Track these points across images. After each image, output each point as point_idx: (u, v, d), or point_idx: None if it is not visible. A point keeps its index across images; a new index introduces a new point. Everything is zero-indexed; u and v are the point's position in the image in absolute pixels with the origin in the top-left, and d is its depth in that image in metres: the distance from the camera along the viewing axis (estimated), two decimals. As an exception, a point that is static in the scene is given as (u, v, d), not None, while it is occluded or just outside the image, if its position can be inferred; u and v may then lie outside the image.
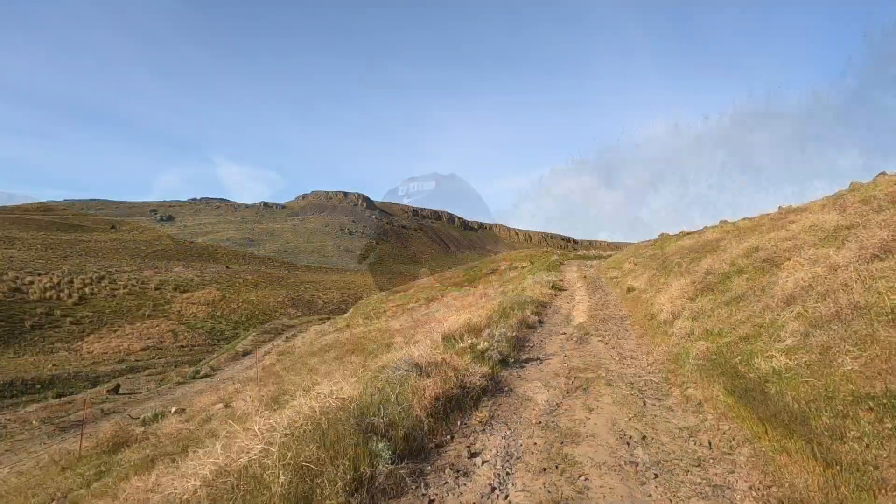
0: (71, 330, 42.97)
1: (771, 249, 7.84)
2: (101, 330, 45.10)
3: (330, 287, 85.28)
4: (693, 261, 12.30)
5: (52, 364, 34.14)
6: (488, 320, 9.72)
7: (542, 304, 13.39)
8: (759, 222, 13.83)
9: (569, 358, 7.63)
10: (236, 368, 26.46)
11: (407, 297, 29.84)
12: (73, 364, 35.08)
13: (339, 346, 13.67)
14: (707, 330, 6.39)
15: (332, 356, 12.07)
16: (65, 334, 42.00)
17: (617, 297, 14.85)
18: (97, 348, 41.13)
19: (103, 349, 41.15)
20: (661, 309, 8.75)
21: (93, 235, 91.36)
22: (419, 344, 7.43)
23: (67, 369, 33.01)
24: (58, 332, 41.84)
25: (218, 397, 12.48)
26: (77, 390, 29.54)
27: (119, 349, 41.63)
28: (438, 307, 18.99)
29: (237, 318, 55.61)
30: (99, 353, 39.82)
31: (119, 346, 42.38)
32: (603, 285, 18.76)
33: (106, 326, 46.05)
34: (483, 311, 11.11)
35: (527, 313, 10.97)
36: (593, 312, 11.74)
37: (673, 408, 5.08)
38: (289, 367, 13.92)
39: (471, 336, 7.87)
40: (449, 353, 6.86)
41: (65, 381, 30.90)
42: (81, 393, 28.01)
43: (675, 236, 25.05)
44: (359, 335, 15.01)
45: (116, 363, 37.17)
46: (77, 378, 31.47)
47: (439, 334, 8.04)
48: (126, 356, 40.10)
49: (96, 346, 41.56)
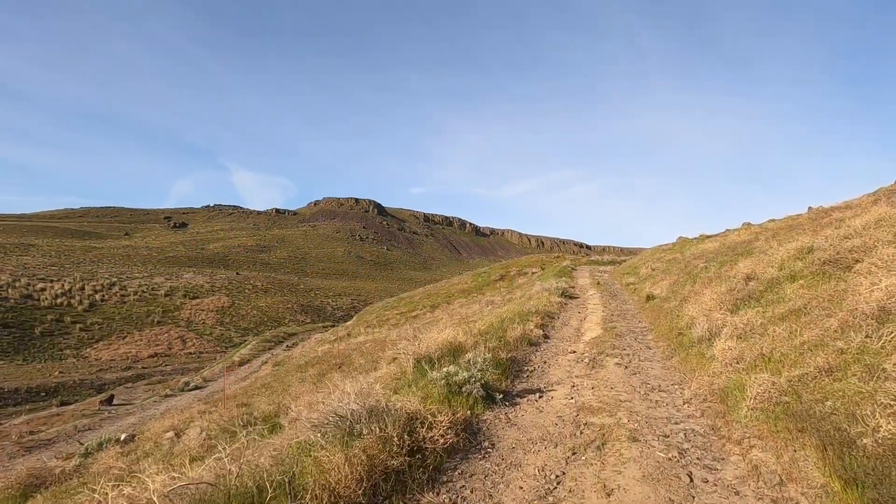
0: (80, 336, 42.99)
1: (830, 250, 6.62)
2: (110, 336, 45.08)
3: (340, 293, 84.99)
4: (723, 264, 11.03)
5: (59, 371, 33.96)
6: (479, 337, 8.01)
7: (550, 315, 12.12)
8: (795, 222, 12.61)
9: (578, 389, 6.00)
10: (230, 379, 25.48)
11: (412, 305, 28.99)
12: (80, 371, 34.87)
13: (328, 360, 12.69)
14: (763, 354, 4.81)
15: (315, 372, 11.14)
16: (74, 341, 42.00)
17: (635, 305, 13.62)
18: (105, 355, 41.05)
19: (111, 356, 41.04)
20: (693, 322, 7.28)
21: (106, 242, 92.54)
22: (378, 372, 6.20)
23: (73, 376, 32.79)
24: (67, 339, 41.87)
25: (172, 424, 11.01)
26: (82, 397, 29.23)
27: (127, 356, 41.49)
28: (442, 315, 18.15)
29: (246, 325, 55.38)
30: (107, 360, 39.70)
31: (127, 352, 42.26)
32: (618, 292, 17.41)
33: (115, 333, 46.04)
34: (478, 325, 9.84)
35: (529, 326, 9.72)
36: (608, 325, 10.45)
37: (738, 489, 3.28)
38: (268, 385, 13.00)
39: (453, 358, 6.22)
40: (411, 390, 5.27)
41: (70, 388, 30.63)
42: (86, 400, 27.69)
43: (695, 239, 23.87)
44: (353, 347, 14.14)
45: (123, 370, 36.90)
46: (82, 386, 31.18)
47: (411, 357, 6.33)
48: (133, 363, 39.91)
49: (104, 352, 41.49)
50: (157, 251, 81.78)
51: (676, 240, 27.89)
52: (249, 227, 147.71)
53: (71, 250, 73.08)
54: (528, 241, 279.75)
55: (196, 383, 25.97)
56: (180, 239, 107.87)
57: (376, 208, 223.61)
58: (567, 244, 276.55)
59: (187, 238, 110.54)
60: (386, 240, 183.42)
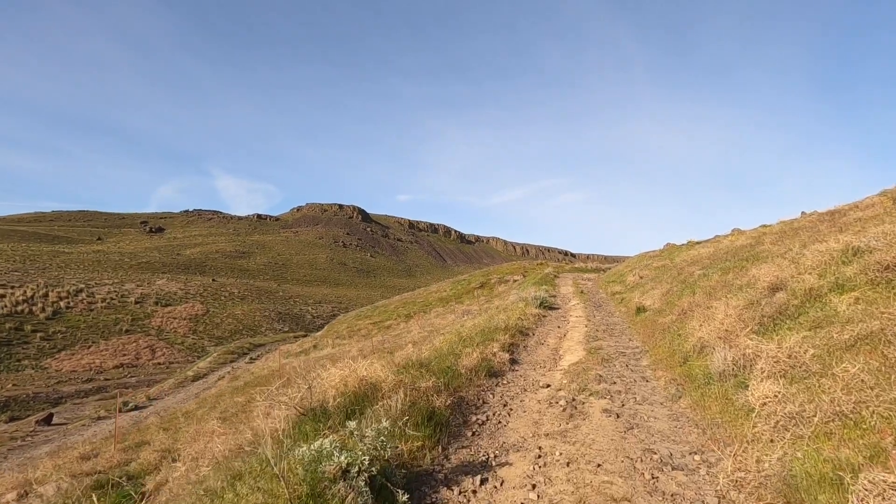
0: (41, 346, 40.70)
1: (890, 252, 5.21)
2: (73, 346, 42.84)
3: (320, 301, 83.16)
4: (727, 271, 9.65)
5: (12, 384, 31.89)
6: (410, 372, 5.74)
7: (523, 332, 10.42)
8: (797, 225, 11.70)
9: (545, 467, 3.98)
10: (178, 398, 23.08)
11: (386, 314, 27.84)
12: (36, 384, 32.81)
13: (273, 381, 11.48)
14: (841, 414, 3.10)
15: (244, 400, 10.01)
16: (34, 351, 39.73)
17: (623, 318, 12.31)
18: (67, 366, 38.86)
19: (73, 367, 38.88)
20: (704, 346, 5.78)
21: (77, 247, 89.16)
22: (245, 433, 4.56)
23: (28, 390, 30.78)
24: (26, 349, 39.57)
25: (26, 478, 8.47)
26: (34, 412, 27.32)
27: (90, 367, 39.38)
28: (415, 325, 17.15)
29: (220, 334, 53.43)
30: (67, 372, 37.57)
31: (91, 363, 40.13)
32: (603, 302, 16.17)
33: (79, 342, 43.81)
34: (423, 350, 7.98)
35: (493, 348, 7.80)
36: (592, 344, 8.94)
37: None
38: (190, 413, 11.74)
39: (360, 408, 4.41)
40: (262, 478, 3.13)
41: (22, 402, 28.68)
42: (38, 414, 25.84)
43: (684, 245, 23.29)
44: (308, 362, 13.04)
45: (84, 382, 34.92)
46: (36, 399, 29.25)
47: (292, 409, 4.42)
48: (96, 374, 37.85)
49: (66, 363, 39.29)
50: (129, 257, 79.00)
51: (664, 246, 27.38)
52: (229, 232, 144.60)
53: (37, 255, 70.03)
54: (513, 249, 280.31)
55: (137, 403, 23.48)
56: (156, 244, 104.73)
57: (360, 214, 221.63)
58: (552, 252, 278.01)
59: (163, 243, 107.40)
60: (370, 246, 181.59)
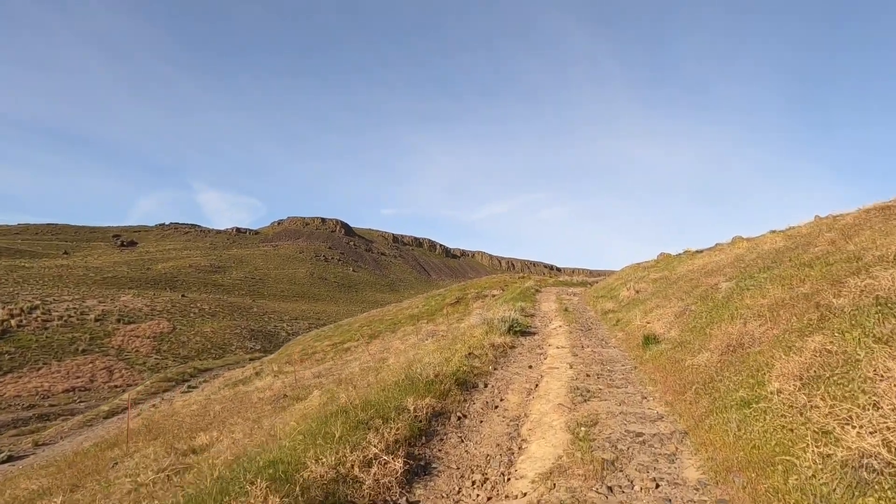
0: (-16, 369, 37.50)
1: None
2: (21, 368, 39.66)
3: (298, 317, 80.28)
4: (789, 282, 6.81)
5: (-59, 412, 28.84)
6: None
7: (468, 382, 7.11)
8: (848, 221, 9.62)
9: None
10: (75, 442, 18.98)
11: (349, 334, 25.76)
12: (-31, 411, 29.80)
13: (178, 424, 9.44)
14: None
15: (119, 453, 8.13)
16: (-25, 374, 36.54)
17: (624, 351, 8.85)
18: (11, 390, 35.72)
19: (18, 391, 35.76)
20: (848, 459, 2.73)
21: (40, 262, 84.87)
22: None
23: (-43, 419, 27.81)
24: (-34, 372, 36.38)
25: None
26: (-40, 446, 24.46)
27: (37, 391, 36.27)
28: (377, 347, 15.29)
29: (186, 353, 50.46)
30: (10, 397, 34.47)
31: (38, 387, 37.00)
32: (593, 324, 13.02)
33: (28, 364, 40.62)
34: None
35: (389, 434, 4.67)
36: (582, 409, 5.57)
37: None
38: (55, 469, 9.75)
39: None
40: None
41: (-53, 434, 25.76)
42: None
43: (682, 255, 21.82)
44: (237, 396, 11.19)
45: (25, 409, 31.98)
46: (-37, 430, 26.33)
47: None
48: (42, 399, 34.83)
49: (10, 387, 36.14)
50: (94, 271, 75.30)
51: (658, 256, 26.04)
52: (206, 246, 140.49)
53: (-7, 270, 66.09)
54: (498, 263, 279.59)
55: (13, 452, 18.77)
56: (125, 258, 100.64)
57: (343, 228, 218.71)
58: (537, 266, 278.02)
59: (133, 258, 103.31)
60: (352, 261, 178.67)
